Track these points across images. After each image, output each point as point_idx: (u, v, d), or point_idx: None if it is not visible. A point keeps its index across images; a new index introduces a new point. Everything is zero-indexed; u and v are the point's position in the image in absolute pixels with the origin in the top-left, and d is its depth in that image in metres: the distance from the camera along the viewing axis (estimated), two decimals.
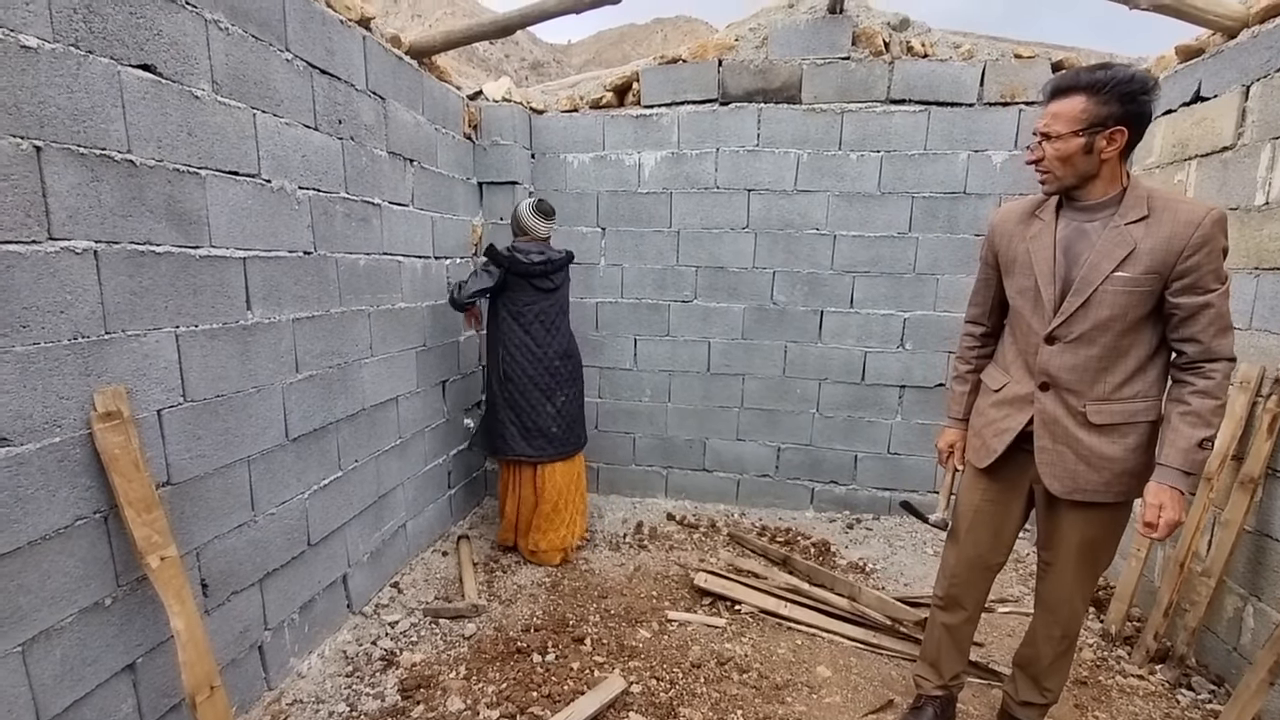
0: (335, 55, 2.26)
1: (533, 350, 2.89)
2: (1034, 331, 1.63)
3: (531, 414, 2.91)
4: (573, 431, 3.03)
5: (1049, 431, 1.62)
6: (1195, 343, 1.47)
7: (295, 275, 2.11)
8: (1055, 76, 1.52)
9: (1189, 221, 1.43)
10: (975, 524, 1.82)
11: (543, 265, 2.84)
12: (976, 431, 1.81)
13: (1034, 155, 1.56)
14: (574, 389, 3.03)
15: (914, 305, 3.42)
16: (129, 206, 1.54)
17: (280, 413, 2.07)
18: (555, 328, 2.95)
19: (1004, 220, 1.74)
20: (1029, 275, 1.63)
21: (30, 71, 1.33)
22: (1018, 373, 1.70)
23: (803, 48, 3.29)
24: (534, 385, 2.90)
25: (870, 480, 3.63)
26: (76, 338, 1.44)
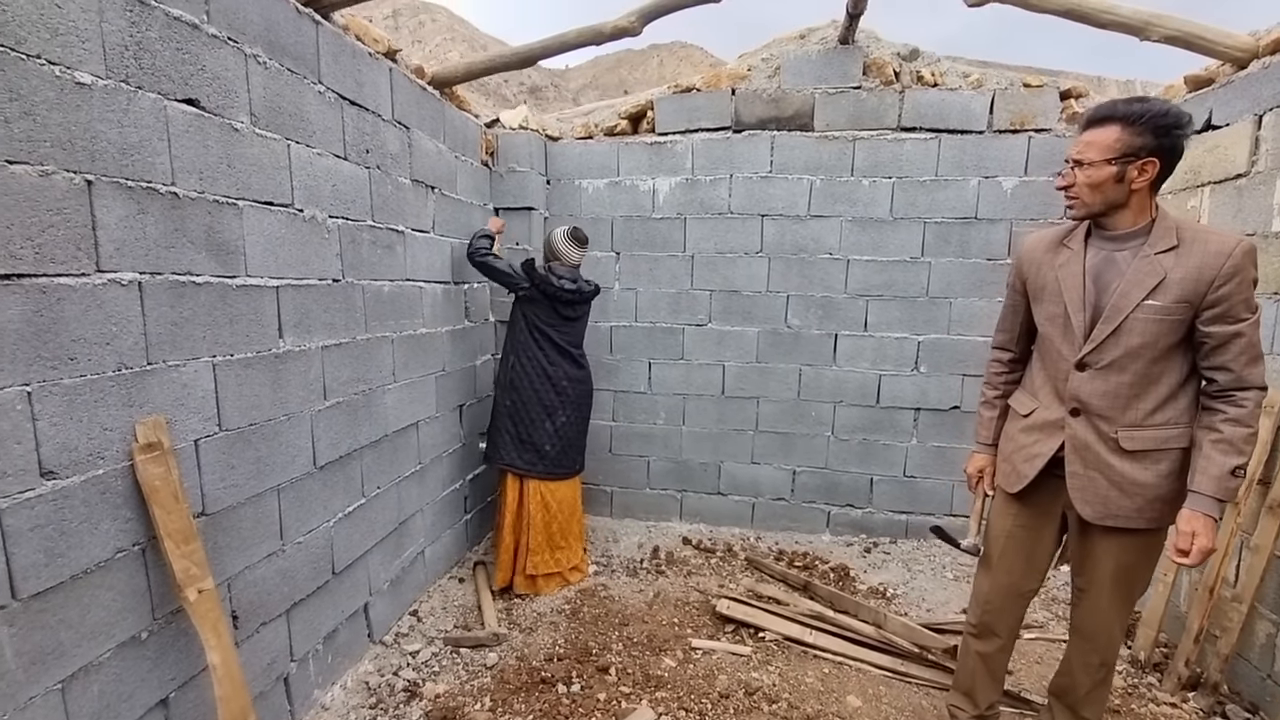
0: (364, 87, 2.30)
1: (543, 367, 2.92)
2: (1064, 358, 1.64)
3: (529, 427, 2.93)
4: (567, 454, 3.01)
5: (1080, 457, 1.62)
6: (1227, 371, 1.49)
7: (325, 303, 2.12)
8: (1093, 107, 1.55)
9: (1219, 252, 1.45)
10: (1008, 550, 1.82)
11: (571, 294, 2.89)
12: (1006, 457, 1.81)
13: (1065, 181, 1.59)
14: (576, 413, 3.02)
15: (928, 329, 3.44)
16: (172, 238, 1.56)
17: (309, 440, 2.07)
18: (568, 351, 2.97)
19: (1032, 249, 1.77)
20: (1058, 302, 1.65)
21: (84, 108, 1.35)
22: (1047, 398, 1.71)
23: (814, 77, 3.36)
24: (537, 400, 2.92)
25: (886, 503, 3.62)
26: (120, 369, 1.44)
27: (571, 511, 3.08)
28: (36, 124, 1.26)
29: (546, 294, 2.85)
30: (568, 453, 3.01)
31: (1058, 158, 3.22)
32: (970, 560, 3.36)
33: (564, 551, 3.04)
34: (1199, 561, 1.50)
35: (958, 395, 3.46)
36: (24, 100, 1.24)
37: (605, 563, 3.33)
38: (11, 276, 1.23)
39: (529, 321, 2.92)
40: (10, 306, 1.23)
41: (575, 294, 2.89)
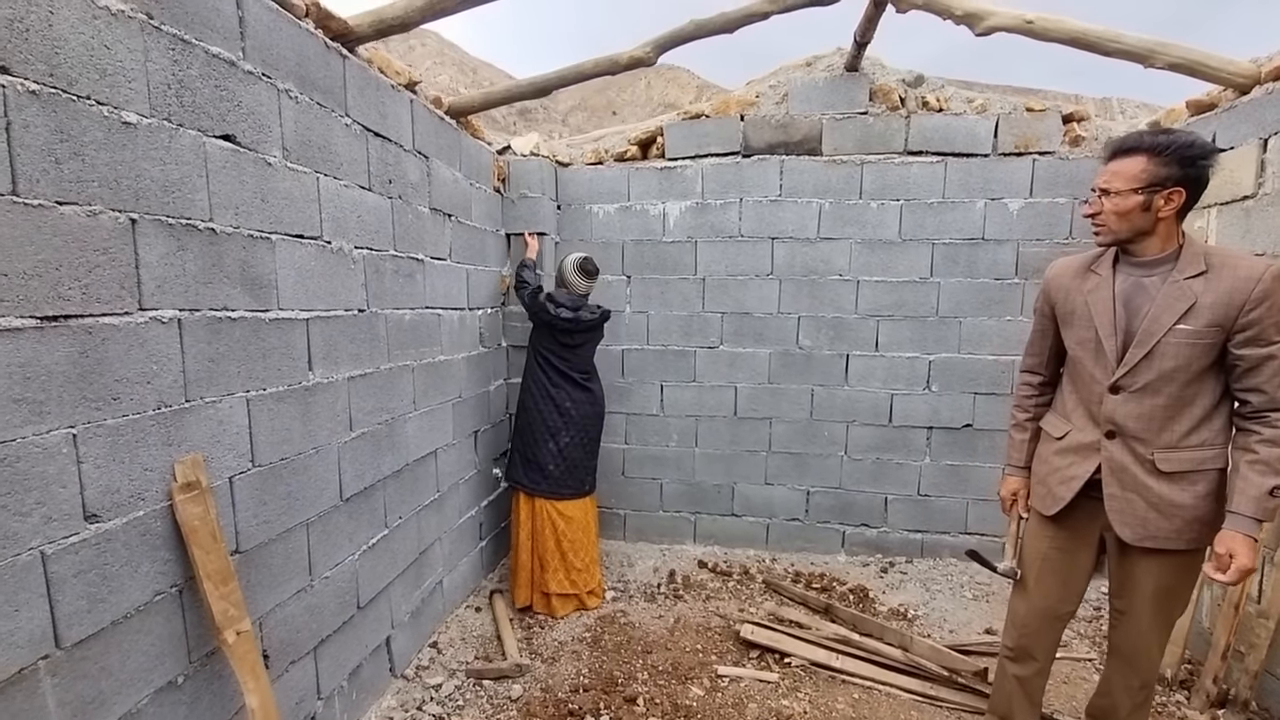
0: (387, 118, 2.31)
1: (546, 390, 2.99)
2: (1097, 381, 1.67)
3: (533, 447, 2.99)
4: (572, 475, 3.03)
5: (1118, 479, 1.64)
6: (1260, 393, 1.51)
7: (350, 333, 2.11)
8: (1118, 138, 1.60)
9: (1249, 277, 1.49)
10: (1044, 572, 1.82)
11: (567, 323, 2.93)
12: (1041, 479, 1.82)
13: (1092, 209, 1.62)
14: (580, 434, 3.03)
15: (938, 348, 3.47)
16: (209, 273, 1.55)
17: (335, 472, 2.05)
18: (569, 375, 3.00)
19: (1060, 274, 1.80)
20: (1089, 327, 1.68)
21: (130, 147, 1.35)
22: (1080, 420, 1.73)
23: (822, 103, 3.42)
24: (540, 421, 2.98)
25: (901, 523, 3.62)
26: (160, 407, 1.42)
27: (584, 532, 3.07)
28: (85, 164, 1.26)
29: (544, 322, 2.94)
30: (572, 473, 3.02)
31: (1062, 180, 3.28)
32: (990, 578, 3.36)
33: (580, 574, 3.02)
34: (1237, 581, 1.51)
35: (969, 414, 3.48)
36: (73, 141, 1.24)
37: (622, 588, 3.30)
38: (59, 318, 1.22)
39: (534, 346, 3.05)
40: (58, 348, 1.21)
41: (572, 323, 2.93)
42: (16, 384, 1.15)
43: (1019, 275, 3.37)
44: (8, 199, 1.13)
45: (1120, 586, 1.74)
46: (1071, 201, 3.29)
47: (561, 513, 3.01)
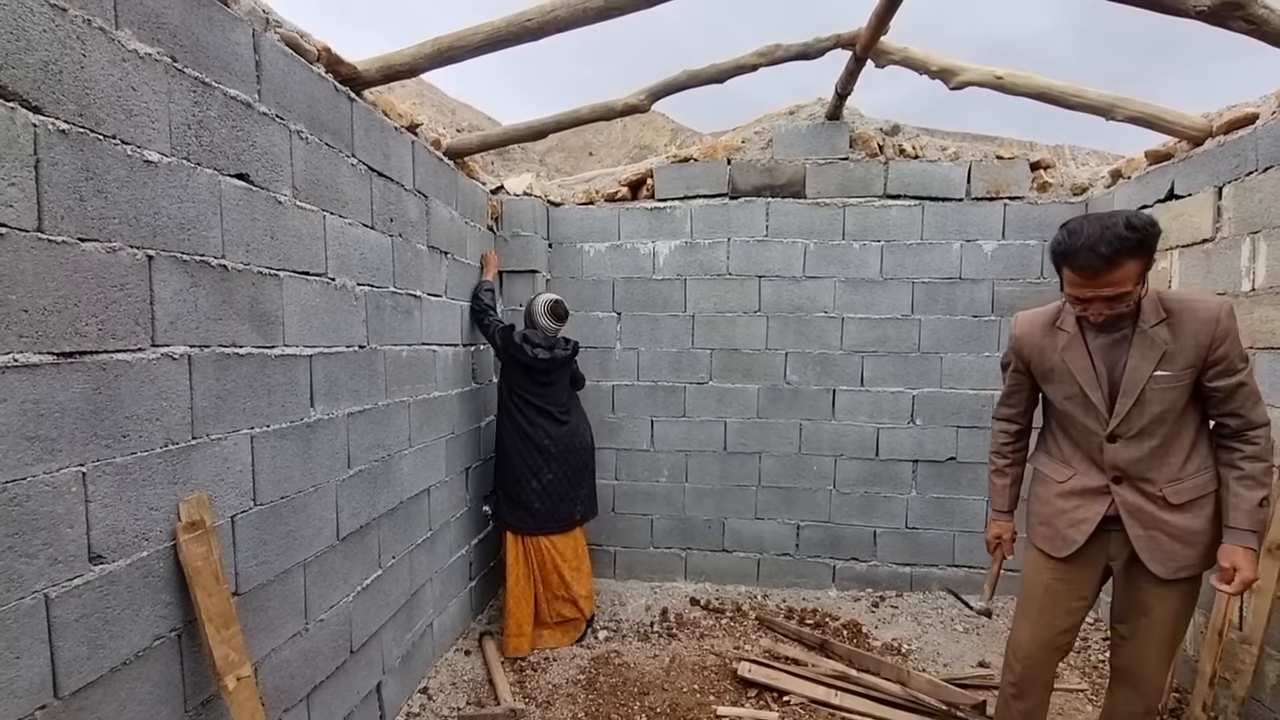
0: (390, 159, 2.36)
1: (523, 430, 3.00)
2: (1092, 431, 1.74)
3: (516, 487, 3.00)
4: (559, 509, 3.04)
5: (1137, 520, 1.70)
6: (1237, 416, 1.64)
7: (351, 370, 2.11)
8: (1105, 252, 1.50)
9: (1209, 319, 1.59)
10: (1047, 604, 1.86)
11: (544, 363, 2.97)
12: (1045, 520, 1.86)
13: (1103, 317, 1.59)
14: (563, 469, 3.05)
15: (921, 382, 3.57)
16: (220, 310, 1.55)
17: (333, 511, 2.01)
18: (547, 413, 3.03)
19: (1028, 334, 1.85)
20: (1072, 384, 1.74)
21: (150, 185, 1.36)
22: (1082, 466, 1.79)
23: (805, 149, 3.57)
24: (521, 461, 3.00)
25: (890, 556, 3.65)
26: (168, 445, 1.40)
27: (575, 564, 3.10)
28: (108, 201, 1.27)
29: (520, 363, 2.95)
30: (560, 506, 3.03)
31: (1032, 223, 3.46)
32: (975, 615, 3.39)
33: (585, 601, 3.10)
34: (1240, 591, 1.61)
35: (953, 447, 3.56)
36: (98, 179, 1.25)
37: (615, 627, 3.24)
38: (75, 354, 1.21)
39: (508, 385, 3.04)
40: (73, 385, 1.20)
41: (549, 362, 2.98)
42: (30, 421, 1.13)
43: (995, 313, 3.51)
44: (33, 235, 1.13)
45: (1128, 612, 1.78)
46: (1041, 244, 3.47)
47: (555, 545, 3.04)
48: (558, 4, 2.11)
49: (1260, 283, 2.30)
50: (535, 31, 2.14)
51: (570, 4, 2.10)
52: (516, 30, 2.13)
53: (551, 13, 2.11)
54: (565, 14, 2.11)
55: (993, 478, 2.04)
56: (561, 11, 2.11)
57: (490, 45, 2.18)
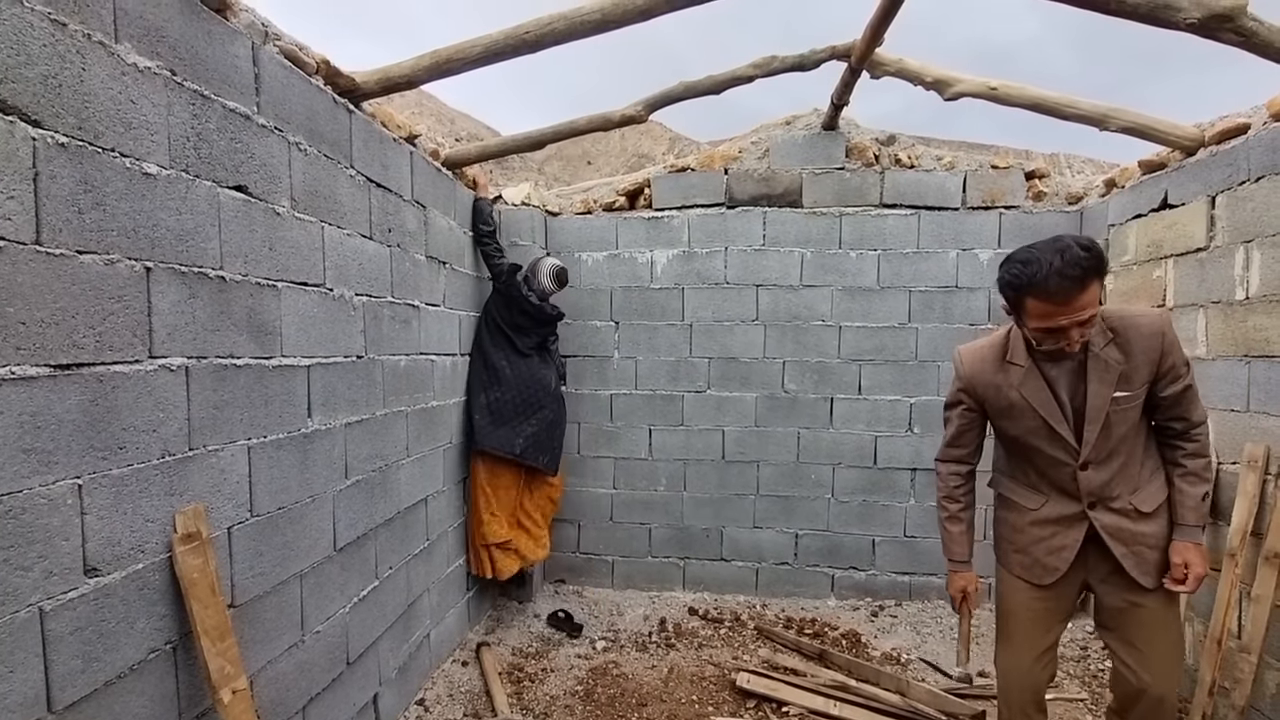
0: (389, 169, 2.37)
1: (485, 349, 3.16)
2: (1062, 462, 1.70)
3: (474, 404, 3.11)
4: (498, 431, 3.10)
5: (1119, 539, 1.70)
6: (1182, 419, 1.70)
7: (349, 380, 2.11)
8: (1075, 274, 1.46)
9: (1153, 332, 1.62)
10: (1031, 627, 1.83)
11: (534, 309, 3.15)
12: (1022, 549, 1.82)
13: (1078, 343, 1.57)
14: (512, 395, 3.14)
15: (918, 391, 3.58)
16: (217, 321, 1.55)
17: (330, 521, 2.01)
18: (512, 343, 3.18)
19: (978, 372, 1.79)
20: (1035, 418, 1.69)
21: (149, 197, 1.37)
22: (1052, 492, 1.76)
23: (801, 159, 3.59)
24: (475, 377, 3.15)
25: (889, 565, 3.64)
26: (165, 456, 1.40)
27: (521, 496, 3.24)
28: (106, 214, 1.28)
29: (509, 295, 3.14)
30: (500, 429, 3.10)
31: (1027, 232, 3.47)
32: (979, 620, 3.37)
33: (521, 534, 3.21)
34: (1195, 588, 1.64)
35: None
36: (96, 191, 1.26)
37: (613, 637, 3.23)
38: (72, 366, 1.21)
39: (488, 311, 3.23)
40: (70, 397, 1.20)
41: (537, 309, 3.17)
42: (27, 433, 1.13)
43: (991, 321, 3.52)
44: (31, 248, 1.14)
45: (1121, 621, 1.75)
46: None
47: (492, 469, 3.13)
48: (555, 17, 2.13)
49: (1254, 291, 2.32)
50: (533, 44, 2.16)
51: (567, 16, 2.12)
52: (514, 43, 2.14)
53: (549, 25, 2.12)
54: (562, 26, 2.12)
55: (946, 525, 1.94)
56: (559, 24, 2.12)
57: (488, 58, 2.19)
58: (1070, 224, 3.46)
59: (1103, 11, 2.08)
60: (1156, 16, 2.05)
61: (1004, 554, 1.89)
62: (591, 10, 2.10)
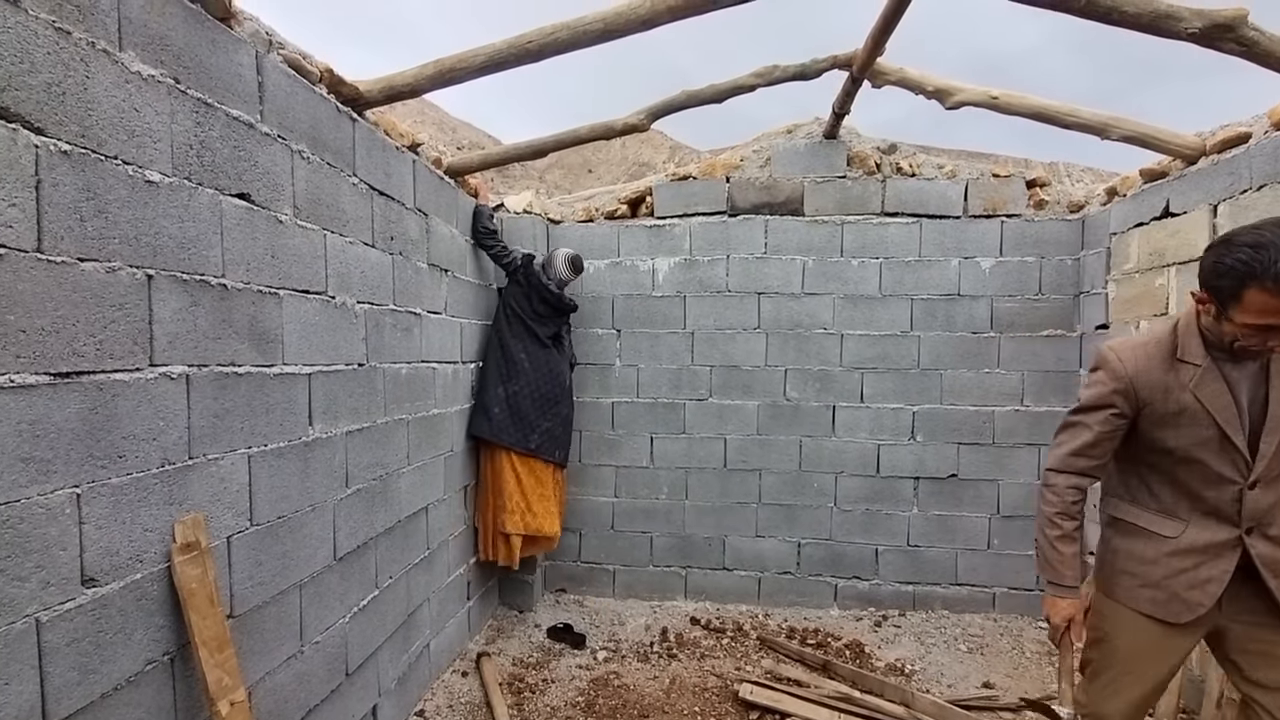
0: (391, 178, 2.37)
1: (504, 339, 3.22)
2: (1226, 479, 1.51)
3: (483, 392, 3.17)
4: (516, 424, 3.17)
5: (1274, 571, 1.49)
6: None
7: (350, 388, 2.10)
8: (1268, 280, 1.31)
9: None
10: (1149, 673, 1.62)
11: (549, 296, 3.23)
12: (1154, 583, 1.60)
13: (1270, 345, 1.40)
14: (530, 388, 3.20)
15: (921, 399, 3.57)
16: (219, 329, 1.55)
17: (330, 530, 1.99)
18: (533, 333, 3.24)
19: (1143, 370, 1.57)
20: (1207, 425, 1.50)
21: (151, 205, 1.37)
22: (1195, 517, 1.56)
23: (803, 167, 3.60)
24: (494, 367, 3.19)
25: (892, 575, 3.62)
26: (164, 465, 1.39)
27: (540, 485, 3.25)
28: (108, 222, 1.27)
29: (529, 283, 3.21)
30: (517, 424, 3.17)
31: (1029, 240, 3.47)
32: (982, 630, 3.35)
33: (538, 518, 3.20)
34: None
35: (954, 463, 3.55)
36: (99, 199, 1.25)
37: (614, 647, 3.20)
38: (72, 375, 1.20)
39: (505, 302, 3.28)
40: (69, 405, 1.19)
41: (556, 298, 3.25)
42: (25, 442, 1.12)
43: (994, 329, 3.51)
44: (32, 255, 1.13)
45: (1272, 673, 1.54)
46: (1039, 260, 3.48)
47: (513, 462, 3.18)
48: (558, 26, 2.13)
49: None
50: (535, 53, 2.17)
51: (570, 26, 2.13)
52: (517, 52, 2.15)
53: (552, 35, 2.13)
54: (565, 36, 2.13)
55: (1057, 545, 1.66)
56: (562, 34, 2.13)
57: (491, 67, 2.20)
58: (1072, 232, 3.46)
59: (1105, 21, 2.08)
60: (1158, 26, 2.05)
61: (1125, 588, 1.64)
62: (594, 20, 2.10)
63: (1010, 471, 3.53)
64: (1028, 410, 3.51)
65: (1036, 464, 3.51)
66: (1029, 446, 3.51)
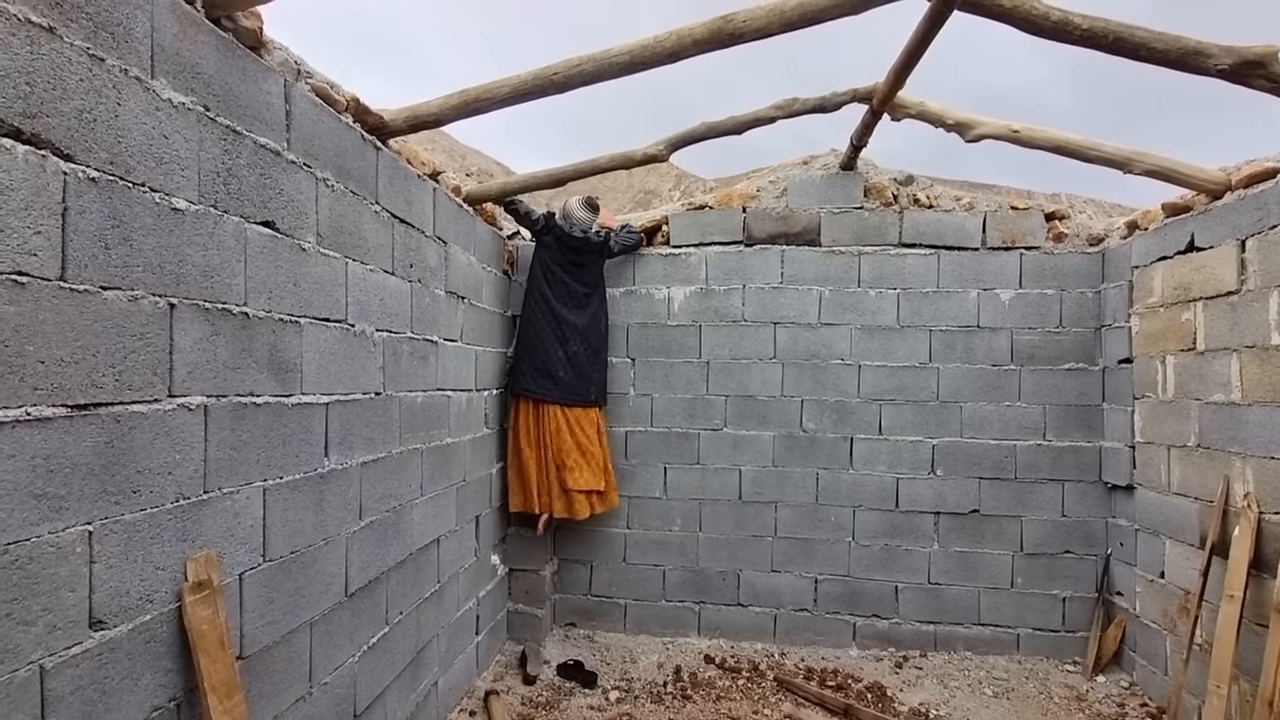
0: (412, 205, 2.36)
1: (550, 304, 3.31)
2: None
3: (542, 356, 3.28)
4: (580, 383, 3.35)
5: None
6: None
7: (366, 417, 2.06)
8: None
9: None
10: None
11: (578, 241, 3.32)
12: None
13: None
14: (584, 345, 3.37)
15: (940, 432, 3.50)
16: (239, 358, 1.51)
17: (342, 565, 1.93)
18: (574, 291, 3.36)
19: None
20: None
21: (176, 232, 1.34)
22: None
23: (820, 198, 3.59)
24: (549, 332, 3.29)
25: (913, 613, 3.51)
26: (179, 500, 1.34)
27: (600, 437, 3.43)
28: (132, 249, 1.25)
29: (557, 236, 3.30)
30: (581, 381, 3.34)
31: (1049, 273, 3.44)
32: (1007, 673, 3.23)
33: (602, 473, 3.39)
34: None
35: (975, 499, 3.46)
36: (124, 226, 1.23)
37: (626, 687, 3.10)
38: (90, 406, 1.16)
39: (543, 265, 3.36)
40: (85, 439, 1.15)
41: (584, 241, 3.34)
42: (39, 478, 1.07)
43: (1014, 362, 3.46)
44: (55, 284, 1.10)
45: None
46: (1059, 293, 3.44)
47: (575, 418, 3.32)
48: (584, 59, 2.14)
49: None
50: (560, 85, 2.17)
51: (596, 59, 2.13)
52: (542, 83, 2.15)
53: (577, 67, 2.13)
54: (591, 68, 2.14)
55: None
56: (587, 66, 2.14)
57: (516, 98, 2.20)
58: (1092, 265, 3.43)
59: (1133, 58, 2.08)
60: (1187, 63, 2.05)
61: None
62: (620, 53, 2.11)
63: (1033, 507, 3.44)
64: (1050, 445, 3.44)
65: (1060, 500, 3.42)
66: (1052, 482, 3.43)
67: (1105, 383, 3.39)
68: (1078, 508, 3.42)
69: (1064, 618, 3.42)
